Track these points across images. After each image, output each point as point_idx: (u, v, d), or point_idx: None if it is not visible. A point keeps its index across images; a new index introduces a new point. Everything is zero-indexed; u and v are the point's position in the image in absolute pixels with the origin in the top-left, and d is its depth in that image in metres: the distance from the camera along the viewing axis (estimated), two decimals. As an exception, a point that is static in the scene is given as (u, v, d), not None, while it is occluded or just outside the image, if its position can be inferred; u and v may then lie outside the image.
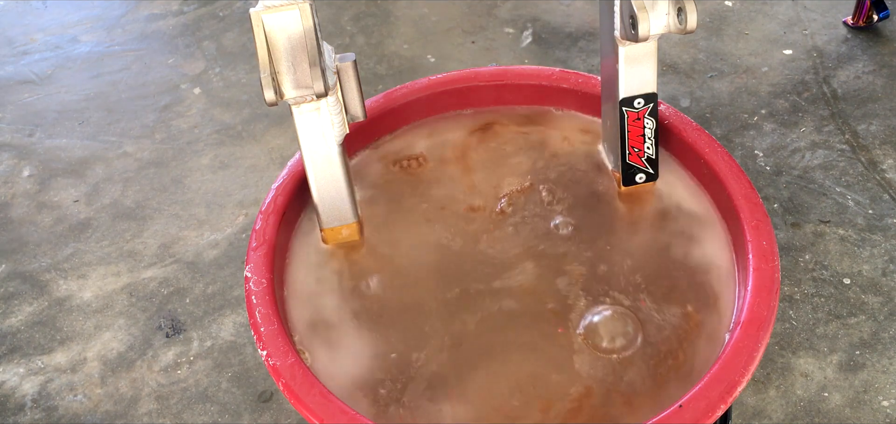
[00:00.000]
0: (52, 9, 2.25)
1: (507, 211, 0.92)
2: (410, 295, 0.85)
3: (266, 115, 1.79)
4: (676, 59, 1.83)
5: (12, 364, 1.35)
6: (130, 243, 1.54)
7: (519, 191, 0.94)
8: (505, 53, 1.92)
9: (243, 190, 1.62)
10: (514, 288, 0.84)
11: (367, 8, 2.11)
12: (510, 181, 0.95)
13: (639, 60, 0.85)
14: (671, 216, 0.89)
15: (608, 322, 0.79)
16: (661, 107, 0.93)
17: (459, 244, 0.89)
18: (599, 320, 0.80)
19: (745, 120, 1.66)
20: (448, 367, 0.78)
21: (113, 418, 1.27)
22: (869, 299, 1.31)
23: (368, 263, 0.88)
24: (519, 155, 0.98)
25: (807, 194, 1.49)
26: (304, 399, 0.71)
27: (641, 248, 0.87)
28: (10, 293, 1.47)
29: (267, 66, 0.77)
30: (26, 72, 2.02)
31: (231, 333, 1.36)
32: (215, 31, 2.09)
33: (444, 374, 0.78)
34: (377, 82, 1.87)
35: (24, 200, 1.65)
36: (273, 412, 1.25)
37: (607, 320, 0.80)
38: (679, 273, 0.84)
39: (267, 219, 0.86)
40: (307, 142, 0.84)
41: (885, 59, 1.78)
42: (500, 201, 0.93)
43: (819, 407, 1.19)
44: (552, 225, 0.90)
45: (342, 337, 0.81)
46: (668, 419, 0.68)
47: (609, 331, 0.79)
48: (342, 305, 0.84)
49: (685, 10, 0.77)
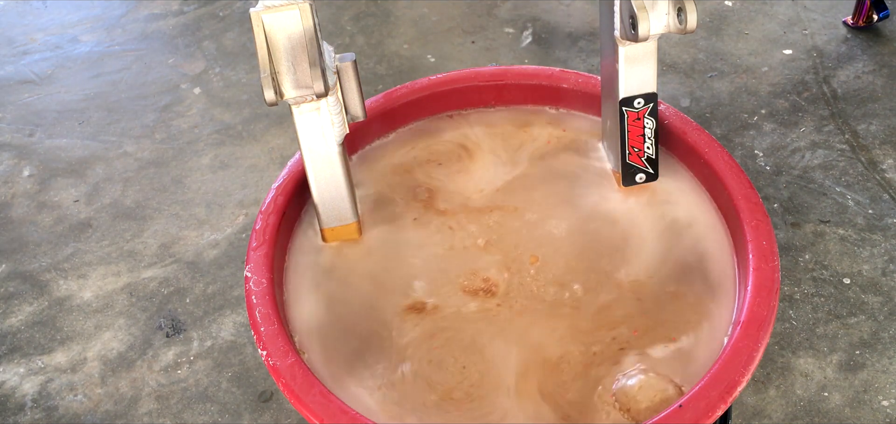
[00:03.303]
0: (52, 9, 2.25)
1: (510, 212, 0.92)
2: (410, 295, 0.85)
3: (266, 115, 1.79)
4: (676, 58, 1.83)
5: (12, 364, 1.35)
6: (130, 243, 1.54)
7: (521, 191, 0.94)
8: (505, 53, 1.92)
9: (243, 190, 1.62)
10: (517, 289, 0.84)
11: (367, 8, 2.11)
12: (513, 182, 0.95)
13: (639, 60, 0.85)
14: (671, 216, 0.89)
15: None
16: (661, 107, 0.93)
17: (461, 244, 0.89)
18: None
19: (745, 120, 1.66)
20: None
21: (113, 418, 1.27)
22: (869, 299, 1.31)
23: (368, 263, 0.88)
24: (519, 153, 0.98)
25: (807, 194, 1.49)
26: (304, 399, 0.71)
27: (641, 248, 0.87)
28: (10, 293, 1.47)
29: (267, 66, 0.77)
30: (26, 72, 2.02)
31: (231, 333, 1.36)
32: (215, 31, 2.09)
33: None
34: (377, 82, 1.87)
35: (24, 200, 1.65)
36: (273, 412, 1.25)
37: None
38: (678, 272, 0.84)
39: (267, 219, 0.86)
40: (307, 142, 0.84)
41: (885, 58, 1.78)
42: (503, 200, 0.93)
43: (819, 407, 1.19)
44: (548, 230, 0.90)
45: (342, 337, 0.81)
46: (668, 419, 0.68)
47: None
48: (342, 305, 0.84)
49: (685, 10, 0.77)
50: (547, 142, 0.99)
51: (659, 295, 0.82)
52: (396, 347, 0.80)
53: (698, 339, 0.78)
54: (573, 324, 0.81)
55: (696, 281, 0.83)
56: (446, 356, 0.79)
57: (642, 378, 0.74)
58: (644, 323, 0.80)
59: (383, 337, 0.81)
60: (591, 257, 0.86)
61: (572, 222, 0.90)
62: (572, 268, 0.85)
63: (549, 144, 0.99)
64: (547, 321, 0.81)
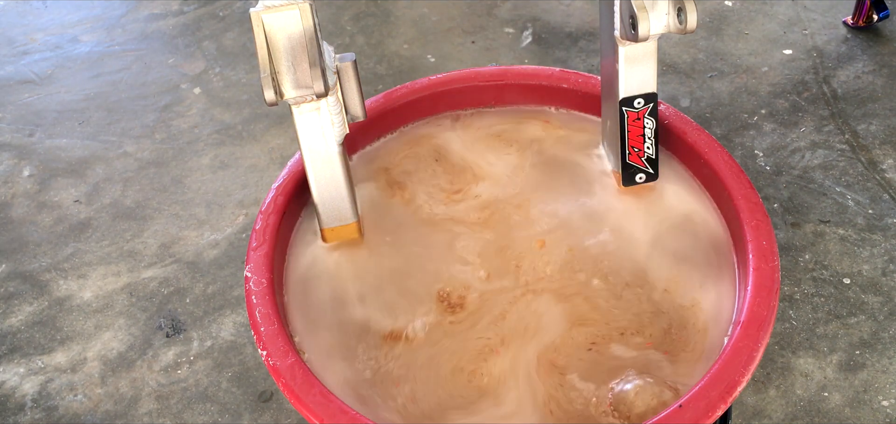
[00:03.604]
0: (52, 9, 2.25)
1: (511, 213, 0.92)
2: (411, 295, 0.85)
3: (266, 115, 1.79)
4: (676, 58, 1.83)
5: (12, 364, 1.35)
6: (130, 243, 1.54)
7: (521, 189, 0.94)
8: (505, 53, 1.92)
9: (243, 190, 1.62)
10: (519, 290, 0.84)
11: (367, 8, 2.11)
12: (512, 182, 0.95)
13: (639, 60, 0.85)
14: (671, 216, 0.89)
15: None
16: (661, 107, 0.93)
17: (460, 244, 0.89)
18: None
19: (744, 120, 1.66)
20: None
21: (113, 418, 1.26)
22: (869, 299, 1.31)
23: (368, 263, 0.88)
24: (519, 153, 0.98)
25: (807, 194, 1.49)
26: (304, 399, 0.71)
27: (640, 248, 0.87)
28: (10, 293, 1.47)
29: (267, 66, 0.77)
30: (26, 72, 2.02)
31: (231, 333, 1.36)
32: (215, 31, 2.09)
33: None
34: (377, 82, 1.87)
35: (24, 200, 1.65)
36: (273, 412, 1.25)
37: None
38: (678, 273, 0.84)
39: (267, 219, 0.86)
40: (307, 142, 0.84)
41: (885, 58, 1.78)
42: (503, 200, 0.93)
43: (819, 407, 1.19)
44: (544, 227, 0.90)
45: (342, 336, 0.81)
46: (668, 418, 0.68)
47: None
48: (342, 305, 0.84)
49: (685, 10, 0.77)
50: (547, 142, 0.99)
51: (659, 295, 0.82)
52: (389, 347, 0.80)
53: (698, 339, 0.78)
54: (573, 324, 0.81)
55: (696, 281, 0.83)
56: (443, 361, 0.79)
57: (639, 382, 0.74)
58: (644, 322, 0.80)
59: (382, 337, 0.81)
60: (591, 257, 0.86)
61: (572, 222, 0.90)
62: (571, 269, 0.85)
63: (548, 144, 0.99)
64: (546, 321, 0.81)
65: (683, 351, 0.78)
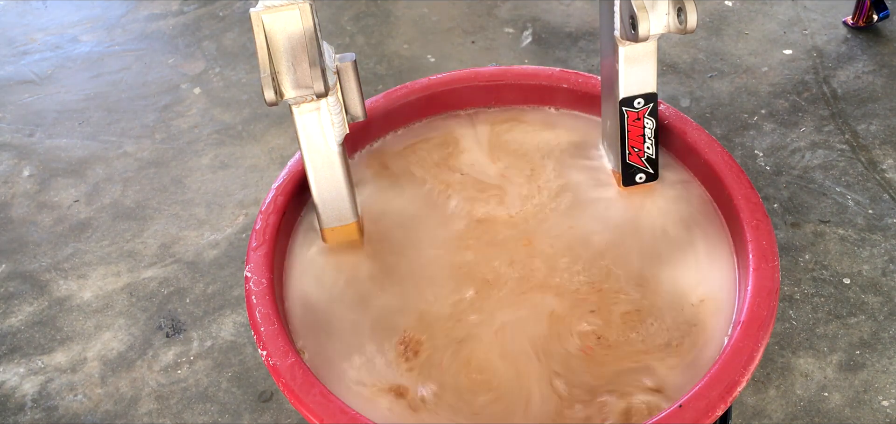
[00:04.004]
0: (52, 9, 2.25)
1: (513, 213, 0.92)
2: (411, 295, 0.85)
3: (266, 115, 1.79)
4: (676, 59, 1.83)
5: (12, 364, 1.35)
6: (130, 243, 1.54)
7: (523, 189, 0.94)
8: (505, 53, 1.92)
9: (243, 190, 1.62)
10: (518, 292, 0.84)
11: (367, 8, 2.11)
12: (517, 182, 0.95)
13: (639, 60, 0.85)
14: (670, 216, 0.89)
15: None
16: (661, 107, 0.93)
17: (460, 244, 0.89)
18: None
19: (745, 120, 1.66)
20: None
21: (113, 418, 1.26)
22: (869, 299, 1.31)
23: (368, 263, 0.88)
24: (519, 153, 0.98)
25: (807, 194, 1.49)
26: (304, 399, 0.71)
27: (640, 248, 0.87)
28: (10, 293, 1.47)
29: (267, 66, 0.77)
30: (26, 72, 2.02)
31: (231, 333, 1.36)
32: (215, 31, 2.09)
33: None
34: (377, 82, 1.87)
35: (24, 200, 1.65)
36: (273, 412, 1.25)
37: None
38: (678, 273, 0.84)
39: (267, 219, 0.86)
40: (307, 142, 0.83)
41: (885, 58, 1.78)
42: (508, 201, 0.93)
43: (819, 407, 1.19)
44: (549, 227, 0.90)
45: (342, 336, 0.81)
46: (668, 418, 0.68)
47: None
48: (342, 305, 0.84)
49: (685, 10, 0.77)
50: (547, 142, 0.99)
51: (658, 295, 0.82)
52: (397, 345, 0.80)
53: (698, 339, 0.78)
54: (571, 321, 0.81)
55: (695, 281, 0.83)
56: (447, 358, 0.79)
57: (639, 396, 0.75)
58: (644, 322, 0.80)
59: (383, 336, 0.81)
60: (591, 257, 0.86)
61: (572, 222, 0.90)
62: (571, 269, 0.85)
63: (548, 145, 0.99)
64: (545, 320, 0.81)
65: (683, 351, 0.78)
